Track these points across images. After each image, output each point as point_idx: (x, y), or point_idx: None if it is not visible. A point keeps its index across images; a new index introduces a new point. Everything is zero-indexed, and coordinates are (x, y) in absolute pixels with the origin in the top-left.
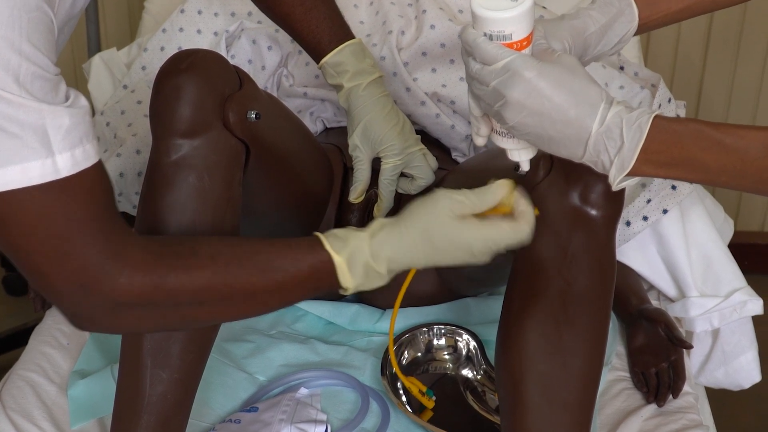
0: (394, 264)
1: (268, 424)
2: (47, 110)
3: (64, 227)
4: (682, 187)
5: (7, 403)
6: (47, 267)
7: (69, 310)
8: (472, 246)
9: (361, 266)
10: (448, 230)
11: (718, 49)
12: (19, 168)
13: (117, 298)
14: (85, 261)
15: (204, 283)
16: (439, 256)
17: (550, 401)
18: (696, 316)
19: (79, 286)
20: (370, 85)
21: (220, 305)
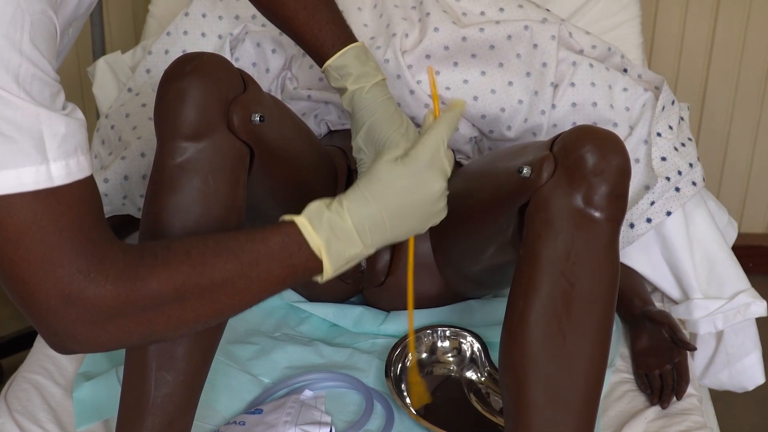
0: (357, 215)
1: (273, 426)
2: (44, 115)
3: (52, 235)
4: (686, 189)
5: (13, 406)
6: (30, 276)
7: (49, 326)
8: (420, 162)
9: (325, 222)
10: (393, 165)
11: (721, 51)
12: (14, 173)
13: (101, 307)
14: (70, 269)
15: (183, 278)
16: (395, 192)
17: (554, 403)
18: (700, 318)
19: (61, 298)
20: (373, 88)
21: (202, 299)
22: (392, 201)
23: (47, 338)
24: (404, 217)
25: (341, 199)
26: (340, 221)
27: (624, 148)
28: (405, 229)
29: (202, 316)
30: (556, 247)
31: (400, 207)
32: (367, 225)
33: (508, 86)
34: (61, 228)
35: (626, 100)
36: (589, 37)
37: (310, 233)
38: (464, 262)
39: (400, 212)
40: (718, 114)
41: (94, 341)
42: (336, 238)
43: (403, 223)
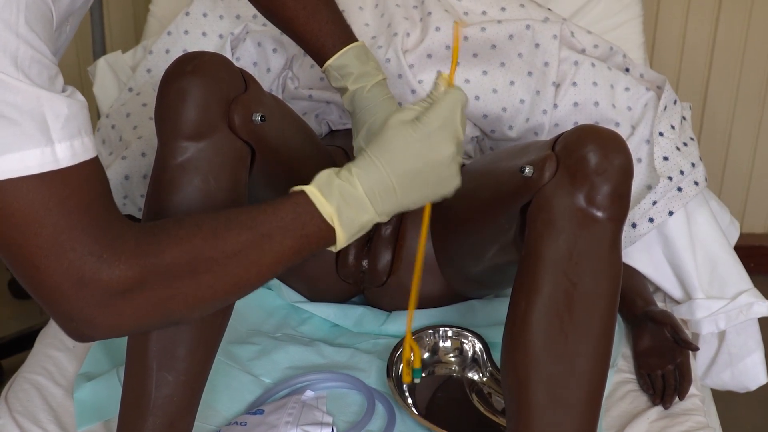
0: (366, 181)
1: (274, 426)
2: (45, 96)
3: (60, 218)
4: (689, 189)
5: (14, 406)
6: (41, 261)
7: (65, 313)
8: (431, 125)
9: (335, 189)
10: (402, 128)
11: (723, 51)
12: (18, 156)
13: (115, 287)
14: (82, 251)
15: (196, 252)
16: (406, 157)
17: (556, 403)
18: (702, 318)
19: (75, 281)
20: (374, 88)
21: (216, 273)
22: (402, 166)
23: (63, 325)
24: (415, 183)
25: (350, 167)
26: (351, 188)
27: (626, 147)
28: (416, 196)
29: (219, 292)
30: (558, 247)
31: (411, 172)
32: (378, 191)
33: (510, 86)
34: (69, 210)
35: (628, 100)
36: (591, 37)
37: (321, 202)
38: (466, 262)
39: (410, 177)
40: (719, 114)
41: (111, 324)
42: (347, 205)
43: (414, 189)
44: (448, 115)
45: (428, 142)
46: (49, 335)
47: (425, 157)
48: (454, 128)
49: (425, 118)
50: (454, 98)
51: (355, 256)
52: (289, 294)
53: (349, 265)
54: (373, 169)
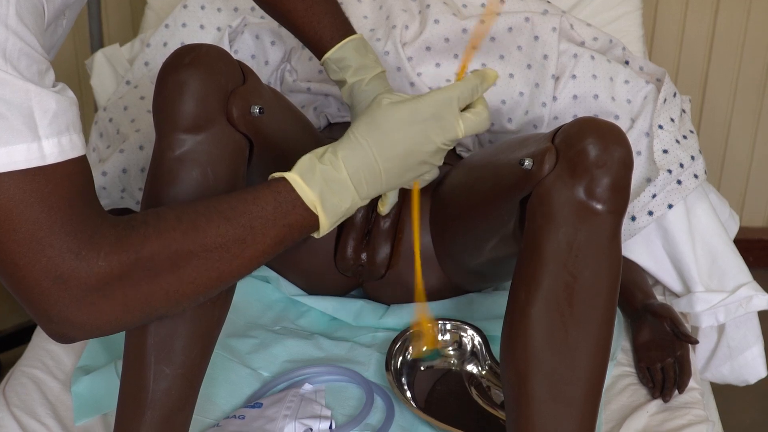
0: (352, 165)
1: (273, 419)
2: (34, 91)
3: (41, 214)
4: (688, 182)
5: (11, 400)
6: (20, 258)
7: (44, 312)
8: (423, 111)
9: (318, 174)
10: (393, 109)
11: (722, 44)
12: (4, 151)
13: (93, 283)
14: (60, 248)
15: (176, 246)
16: (395, 140)
17: (556, 397)
18: (701, 311)
19: (53, 279)
20: (373, 80)
21: (198, 267)
22: (392, 150)
23: (44, 326)
24: (399, 166)
25: (335, 148)
26: (335, 173)
27: (626, 139)
28: (397, 180)
29: (201, 286)
30: (558, 240)
31: (397, 156)
32: (364, 175)
33: (509, 78)
34: (50, 207)
35: (628, 93)
36: (591, 29)
37: (303, 189)
38: (465, 255)
39: (397, 161)
40: (718, 107)
41: (92, 323)
42: (331, 191)
43: (398, 173)
44: (441, 104)
45: (419, 127)
46: None
47: (414, 142)
48: (447, 119)
49: (419, 102)
50: (450, 89)
51: (353, 249)
52: (288, 287)
53: (348, 258)
54: (359, 150)
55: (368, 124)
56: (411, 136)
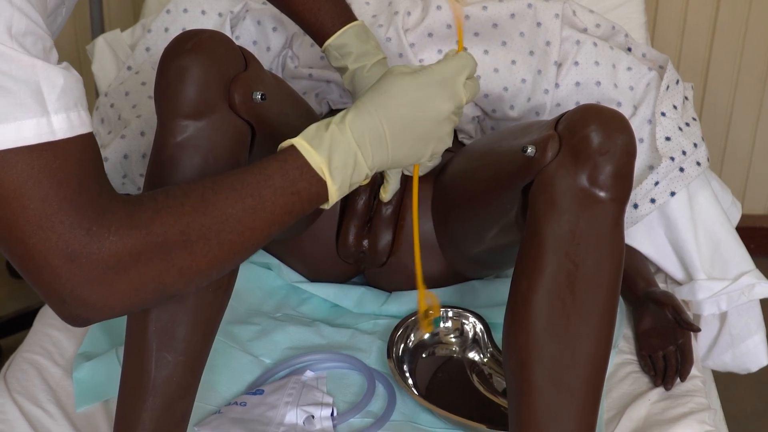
0: (357, 127)
1: (274, 406)
2: (41, 66)
3: (50, 191)
4: (690, 169)
5: (12, 386)
6: (30, 236)
7: (55, 292)
8: (432, 78)
9: (324, 139)
10: (401, 77)
11: (724, 31)
12: (13, 126)
13: (106, 261)
14: (71, 224)
15: (187, 219)
16: (400, 104)
17: (557, 384)
18: (703, 299)
19: (64, 257)
20: (374, 67)
21: (210, 241)
22: (395, 112)
23: (57, 308)
24: (406, 133)
25: (343, 115)
26: (340, 135)
27: (629, 127)
28: (406, 150)
29: (214, 260)
30: (561, 228)
31: (403, 120)
32: (369, 138)
33: (512, 65)
34: (59, 183)
35: (630, 80)
36: (593, 16)
37: (309, 152)
38: (467, 243)
39: (402, 126)
40: (720, 94)
41: (106, 302)
42: (336, 154)
43: (405, 141)
44: (450, 73)
45: (425, 92)
46: (48, 314)
47: (420, 107)
48: (454, 87)
49: (426, 71)
50: (460, 60)
51: (355, 236)
52: (289, 274)
53: (350, 245)
54: (365, 113)
55: (375, 90)
56: (416, 101)
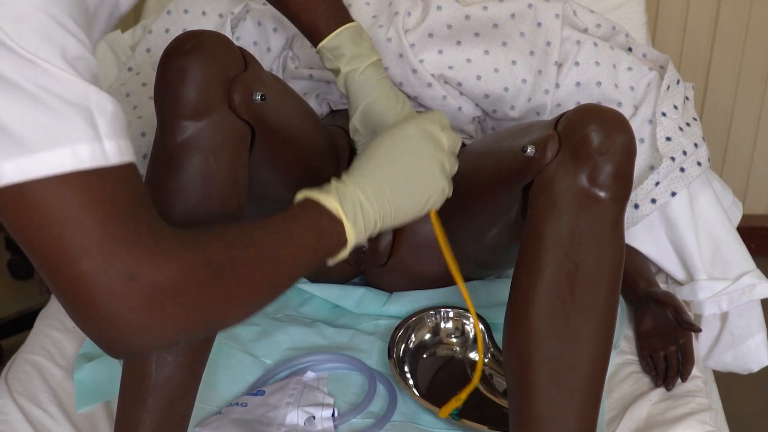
0: (357, 182)
1: (275, 407)
2: (93, 92)
3: (107, 213)
4: (691, 169)
5: (14, 387)
6: (85, 258)
7: (107, 316)
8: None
9: (333, 189)
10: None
11: (725, 31)
12: (68, 150)
13: (164, 282)
14: (131, 246)
15: (235, 250)
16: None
17: (558, 385)
18: (705, 299)
19: (125, 276)
20: (367, 69)
21: (254, 272)
22: (387, 167)
23: (104, 334)
24: (402, 182)
25: (342, 176)
26: (344, 187)
27: (629, 127)
28: (404, 196)
29: (257, 292)
30: (561, 228)
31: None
32: (369, 188)
33: (512, 65)
34: (114, 206)
35: (631, 80)
36: (594, 16)
37: (322, 197)
38: (467, 243)
39: (394, 175)
40: (721, 94)
41: (158, 327)
42: (346, 199)
43: (402, 189)
44: (423, 123)
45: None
46: (49, 315)
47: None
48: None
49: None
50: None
51: None
52: None
53: None
54: (361, 173)
55: (365, 153)
56: (401, 152)
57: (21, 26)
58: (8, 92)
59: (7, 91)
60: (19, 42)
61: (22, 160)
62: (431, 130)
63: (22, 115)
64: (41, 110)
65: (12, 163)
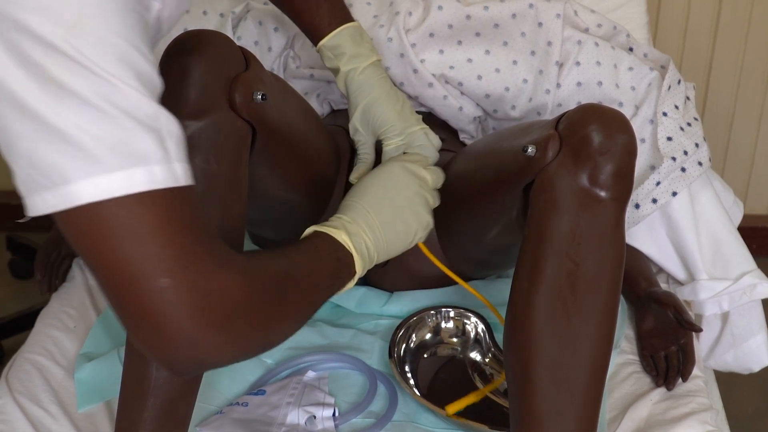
0: (350, 217)
1: (276, 407)
2: (163, 114)
3: (183, 231)
4: (692, 169)
5: (14, 386)
6: (164, 274)
7: (182, 333)
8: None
9: (331, 224)
10: (372, 177)
11: (727, 31)
12: (144, 170)
13: (235, 299)
14: (206, 263)
15: (283, 272)
16: (376, 197)
17: (559, 385)
18: (705, 299)
19: (201, 293)
20: (367, 69)
21: (296, 292)
22: (377, 202)
23: (176, 352)
24: (389, 214)
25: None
26: (339, 221)
27: (630, 126)
28: (393, 227)
29: (300, 312)
30: (562, 227)
31: (382, 203)
32: (362, 222)
33: (513, 65)
34: (187, 225)
35: (632, 80)
36: (595, 16)
37: (328, 229)
38: (468, 243)
39: (383, 207)
40: (722, 94)
41: (230, 344)
42: (346, 230)
43: (390, 220)
44: (406, 162)
45: (393, 180)
46: (50, 315)
47: (391, 191)
48: (413, 170)
49: (386, 166)
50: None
51: None
52: None
53: None
54: (352, 208)
55: (354, 191)
56: (389, 188)
57: (100, 49)
58: (86, 112)
59: (85, 111)
60: (99, 63)
61: (99, 179)
62: (414, 169)
63: (98, 134)
64: (117, 130)
65: (90, 183)
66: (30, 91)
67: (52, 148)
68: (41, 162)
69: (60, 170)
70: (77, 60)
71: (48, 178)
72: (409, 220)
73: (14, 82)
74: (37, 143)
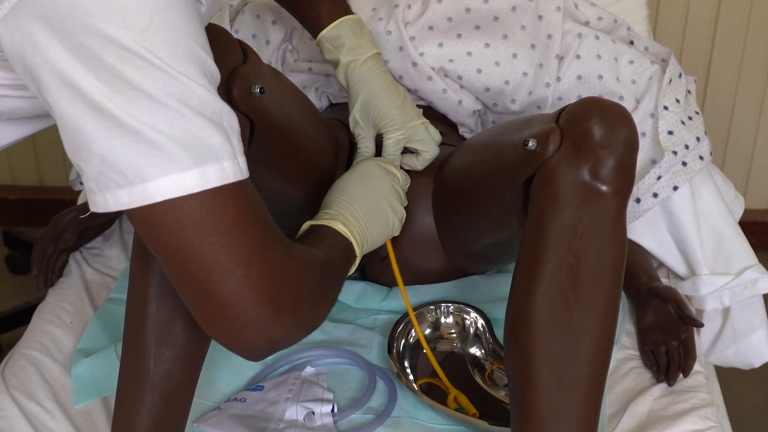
0: (337, 211)
1: (274, 402)
2: (226, 110)
3: (257, 220)
4: (693, 163)
5: (10, 382)
6: (251, 261)
7: (265, 316)
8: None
9: (323, 217)
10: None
11: (727, 25)
12: (217, 166)
13: (305, 283)
14: (278, 250)
15: (322, 259)
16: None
17: (560, 380)
18: (706, 294)
19: (278, 277)
20: (367, 61)
21: (334, 278)
22: (358, 196)
23: (256, 335)
24: (369, 204)
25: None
26: (328, 215)
27: (632, 120)
28: (373, 215)
29: (334, 292)
30: (563, 222)
31: (360, 195)
32: (348, 214)
33: (513, 58)
34: (257, 214)
35: (632, 73)
36: (595, 9)
37: (326, 221)
38: (468, 237)
39: (363, 199)
40: (722, 88)
41: (299, 325)
42: (356, 235)
43: (370, 208)
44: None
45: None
46: (46, 310)
47: (369, 184)
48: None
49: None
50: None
51: None
52: None
53: None
54: (337, 203)
55: (337, 186)
56: (367, 183)
57: (171, 50)
58: (159, 111)
59: (158, 111)
60: (170, 64)
61: (175, 177)
62: (387, 167)
63: (172, 132)
64: (190, 128)
65: (167, 180)
66: (103, 93)
67: (127, 147)
68: (116, 161)
69: (136, 169)
70: (151, 61)
71: (123, 176)
72: (388, 212)
73: (86, 84)
74: (111, 142)
